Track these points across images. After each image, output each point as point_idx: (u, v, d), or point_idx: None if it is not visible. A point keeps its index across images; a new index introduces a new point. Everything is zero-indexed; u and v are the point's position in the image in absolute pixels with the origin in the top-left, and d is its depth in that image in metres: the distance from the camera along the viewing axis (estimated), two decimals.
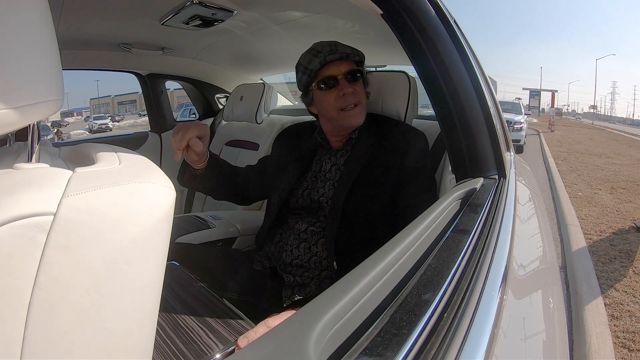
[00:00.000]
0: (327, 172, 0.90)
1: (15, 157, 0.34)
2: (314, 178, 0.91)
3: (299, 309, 0.29)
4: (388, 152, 0.86)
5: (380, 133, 0.89)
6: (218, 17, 1.22)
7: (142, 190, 0.26)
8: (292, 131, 1.05)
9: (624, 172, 5.46)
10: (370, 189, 0.83)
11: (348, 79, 0.84)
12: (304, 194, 0.90)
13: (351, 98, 0.84)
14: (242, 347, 0.46)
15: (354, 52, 0.85)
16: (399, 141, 0.86)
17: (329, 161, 0.91)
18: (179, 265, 0.70)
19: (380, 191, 0.83)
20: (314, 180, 0.91)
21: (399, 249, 0.37)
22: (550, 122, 14.79)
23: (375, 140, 0.88)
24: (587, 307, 1.78)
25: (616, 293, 1.94)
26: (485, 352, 0.29)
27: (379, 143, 0.87)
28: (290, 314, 0.49)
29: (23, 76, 0.23)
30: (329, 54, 0.82)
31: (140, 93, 2.00)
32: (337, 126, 0.88)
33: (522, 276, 0.52)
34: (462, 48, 0.74)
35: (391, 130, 0.90)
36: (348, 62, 0.85)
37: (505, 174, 0.76)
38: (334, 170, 0.90)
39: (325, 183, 0.89)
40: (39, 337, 0.22)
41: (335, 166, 0.90)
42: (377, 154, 0.86)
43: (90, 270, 0.23)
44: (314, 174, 0.92)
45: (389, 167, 0.84)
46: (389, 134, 0.89)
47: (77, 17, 1.18)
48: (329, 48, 0.83)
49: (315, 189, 0.90)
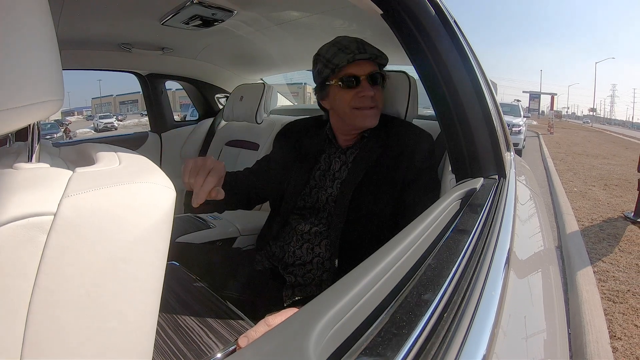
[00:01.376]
0: (337, 171, 0.88)
1: (15, 157, 0.34)
2: (323, 177, 0.89)
3: (299, 308, 0.29)
4: (396, 152, 0.84)
5: (389, 133, 0.88)
6: (218, 17, 1.22)
7: (142, 190, 0.26)
8: (293, 128, 1.01)
9: (618, 171, 5.70)
10: (377, 188, 0.82)
11: (370, 81, 0.82)
12: (312, 192, 0.88)
13: (369, 101, 0.81)
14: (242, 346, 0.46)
15: (381, 55, 0.83)
16: (407, 142, 0.85)
17: (339, 160, 0.89)
18: (179, 265, 0.70)
19: (386, 191, 0.82)
20: (323, 179, 0.89)
21: (399, 249, 0.37)
22: (550, 124, 14.84)
23: (384, 140, 0.86)
24: (579, 273, 2.16)
25: (603, 264, 2.31)
26: (485, 352, 0.29)
27: (388, 143, 0.86)
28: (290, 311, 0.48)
29: (23, 76, 0.23)
30: (358, 52, 0.79)
31: (142, 93, 2.00)
32: (348, 124, 0.86)
33: (522, 276, 0.52)
34: (462, 48, 0.74)
35: (399, 130, 0.89)
36: (372, 64, 0.83)
37: (505, 174, 0.76)
38: (343, 169, 0.88)
39: (334, 182, 0.87)
40: (39, 337, 0.22)
41: (344, 165, 0.88)
42: (386, 153, 0.84)
43: (91, 270, 0.23)
44: (322, 173, 0.89)
45: (396, 167, 0.82)
46: (398, 135, 0.87)
47: (77, 17, 1.18)
48: (356, 45, 0.80)
49: (323, 188, 0.88)
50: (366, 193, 0.82)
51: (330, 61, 0.81)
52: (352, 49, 0.79)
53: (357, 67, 0.80)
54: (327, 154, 0.91)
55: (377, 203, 0.81)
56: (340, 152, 0.90)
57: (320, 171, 0.89)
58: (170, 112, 2.06)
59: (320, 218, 0.86)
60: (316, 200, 0.88)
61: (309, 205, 0.88)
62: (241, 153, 1.69)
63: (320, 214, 0.87)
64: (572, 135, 14.78)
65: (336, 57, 0.80)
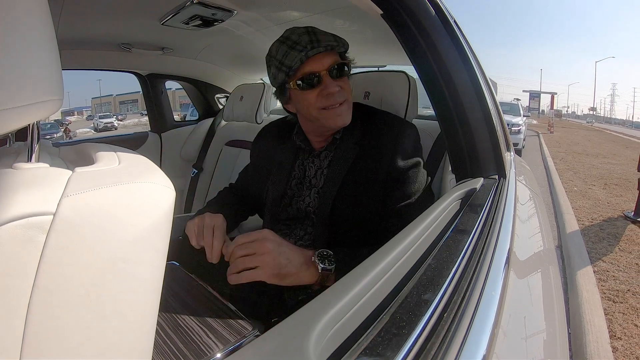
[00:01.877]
0: (312, 178, 0.81)
1: (15, 157, 0.34)
2: (299, 185, 0.82)
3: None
4: (375, 149, 0.75)
5: (365, 127, 0.78)
6: (218, 17, 1.22)
7: (141, 190, 0.26)
8: (271, 131, 0.93)
9: (618, 170, 5.70)
10: (358, 193, 0.74)
11: (333, 74, 0.71)
12: (291, 203, 0.82)
13: (337, 97, 0.71)
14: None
15: (338, 41, 0.71)
16: (387, 136, 0.75)
17: (313, 165, 0.81)
18: (179, 265, 0.70)
19: (370, 194, 0.74)
20: (299, 187, 0.82)
21: (399, 249, 0.37)
22: (550, 123, 14.85)
23: (360, 136, 0.77)
24: (579, 272, 2.15)
25: (603, 264, 2.30)
26: (485, 352, 0.29)
27: (365, 139, 0.76)
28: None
29: (23, 76, 0.23)
30: (310, 47, 0.68)
31: (142, 93, 2.00)
32: (319, 126, 0.77)
33: (522, 276, 0.52)
34: (462, 48, 0.74)
35: (377, 123, 0.78)
36: (332, 54, 0.72)
37: (505, 174, 0.76)
38: (319, 175, 0.80)
39: (310, 190, 0.80)
40: (38, 337, 0.22)
41: (319, 170, 0.80)
42: (364, 152, 0.76)
43: (90, 270, 0.23)
44: (298, 181, 0.82)
45: (377, 166, 0.74)
46: (375, 128, 0.77)
47: (77, 17, 1.18)
48: (307, 38, 0.69)
49: (301, 198, 0.81)
50: (347, 202, 0.74)
51: (283, 63, 0.71)
52: (304, 44, 0.69)
53: (314, 62, 0.70)
54: (301, 160, 0.83)
55: (359, 211, 0.74)
56: (314, 156, 0.81)
57: (296, 180, 0.82)
58: (170, 112, 2.06)
59: (305, 229, 0.81)
60: (297, 211, 0.81)
61: (292, 216, 0.82)
62: (241, 153, 1.68)
63: (304, 224, 0.81)
64: (572, 134, 14.82)
65: (287, 57, 0.70)
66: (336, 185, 0.75)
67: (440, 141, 1.01)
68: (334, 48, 0.71)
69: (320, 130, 0.78)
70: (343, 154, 0.77)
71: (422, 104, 1.03)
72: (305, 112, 0.75)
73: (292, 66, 0.69)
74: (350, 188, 0.74)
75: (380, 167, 0.74)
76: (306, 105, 0.73)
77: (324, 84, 0.71)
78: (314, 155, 0.81)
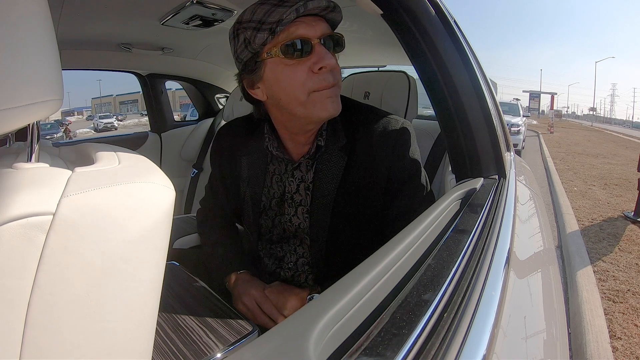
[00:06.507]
0: (295, 194, 0.68)
1: (15, 157, 0.34)
2: (280, 202, 0.70)
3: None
4: (368, 157, 0.64)
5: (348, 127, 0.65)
6: (218, 17, 1.22)
7: (141, 190, 0.26)
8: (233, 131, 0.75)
9: (618, 170, 5.72)
10: (355, 211, 0.65)
11: (328, 45, 0.57)
12: (274, 222, 0.71)
13: (334, 75, 0.57)
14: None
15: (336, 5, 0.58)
16: (380, 142, 0.64)
17: (294, 180, 0.68)
18: (179, 265, 0.70)
19: (368, 207, 0.66)
20: (280, 204, 0.70)
21: (399, 249, 0.37)
22: (550, 123, 14.87)
23: (346, 140, 0.65)
24: (579, 272, 2.16)
25: (603, 264, 2.31)
26: (485, 352, 0.29)
27: (351, 144, 0.65)
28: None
29: (23, 76, 0.23)
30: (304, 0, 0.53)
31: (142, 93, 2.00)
32: (301, 118, 0.60)
33: (522, 276, 0.52)
34: (462, 48, 0.74)
35: (364, 123, 0.65)
36: (325, 24, 0.58)
37: (505, 174, 0.76)
38: (303, 191, 0.68)
39: (296, 209, 0.69)
40: (38, 337, 0.22)
41: (303, 183, 0.68)
42: (353, 161, 0.64)
43: (90, 270, 0.23)
44: (278, 199, 0.70)
45: (373, 179, 0.65)
46: (363, 129, 0.65)
47: (77, 17, 1.18)
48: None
49: (285, 217, 0.70)
50: (344, 222, 0.66)
51: (264, 22, 0.54)
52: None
53: (306, 26, 0.55)
54: (278, 174, 0.69)
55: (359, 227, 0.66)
56: (293, 167, 0.67)
57: (275, 199, 0.70)
58: (170, 112, 2.06)
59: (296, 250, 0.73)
60: (284, 230, 0.71)
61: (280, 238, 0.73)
62: None
63: (294, 244, 0.73)
64: (572, 134, 14.86)
65: (272, 14, 0.53)
66: (328, 205, 0.65)
67: (440, 141, 1.01)
68: (334, 10, 0.57)
69: (301, 124, 0.62)
70: (328, 165, 0.65)
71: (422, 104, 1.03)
72: (287, 98, 0.58)
73: (282, 19, 0.53)
74: (344, 205, 0.65)
75: (376, 180, 0.65)
76: (290, 85, 0.57)
77: (317, 55, 0.55)
78: (293, 167, 0.68)
